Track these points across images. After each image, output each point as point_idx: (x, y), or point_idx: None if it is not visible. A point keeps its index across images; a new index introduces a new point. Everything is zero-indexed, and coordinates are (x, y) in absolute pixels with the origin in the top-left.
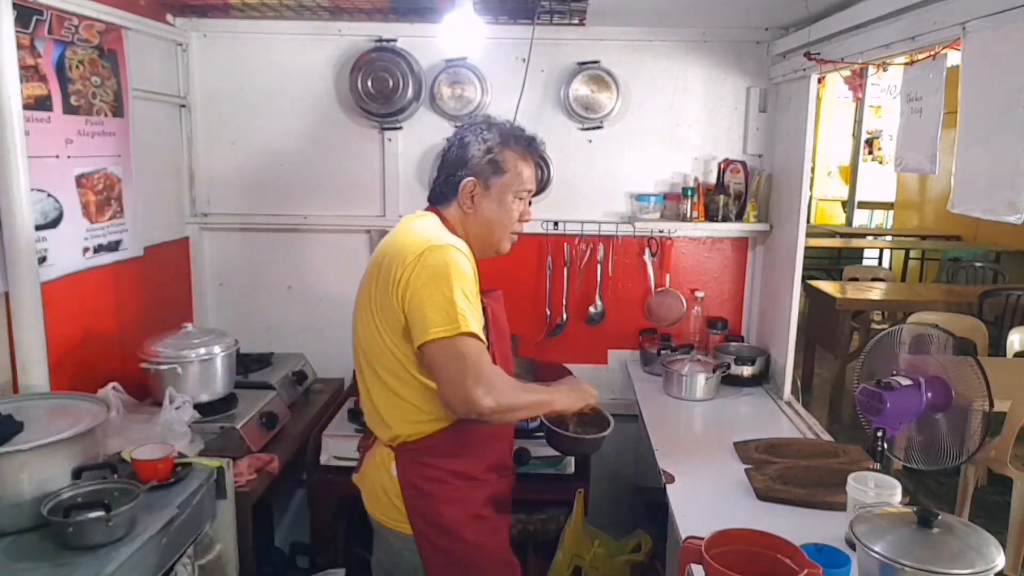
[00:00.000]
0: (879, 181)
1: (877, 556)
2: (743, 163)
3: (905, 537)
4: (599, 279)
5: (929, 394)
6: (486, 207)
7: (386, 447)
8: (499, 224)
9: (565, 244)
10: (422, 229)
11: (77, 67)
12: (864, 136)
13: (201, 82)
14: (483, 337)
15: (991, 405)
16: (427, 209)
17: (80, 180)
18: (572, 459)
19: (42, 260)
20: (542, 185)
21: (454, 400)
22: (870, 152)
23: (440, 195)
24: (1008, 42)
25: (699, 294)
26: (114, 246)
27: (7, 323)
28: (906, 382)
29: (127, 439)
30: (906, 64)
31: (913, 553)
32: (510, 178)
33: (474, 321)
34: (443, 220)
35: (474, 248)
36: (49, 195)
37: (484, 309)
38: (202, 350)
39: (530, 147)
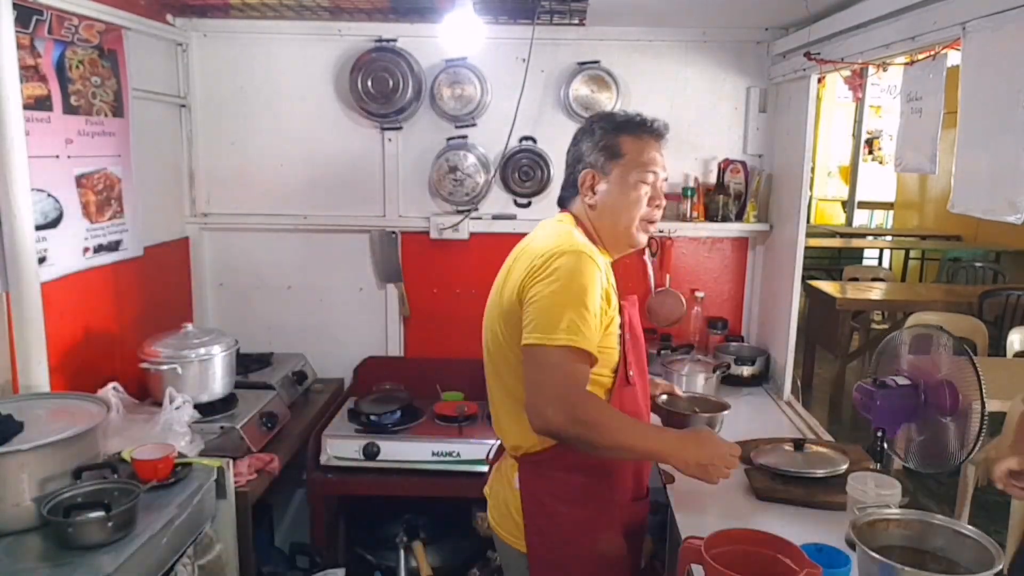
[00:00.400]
0: (879, 181)
1: (877, 556)
2: (743, 163)
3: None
4: None
5: (926, 394)
6: (608, 197)
7: (511, 457)
8: (624, 209)
9: None
10: (556, 231)
11: (77, 67)
12: (864, 136)
13: (201, 82)
14: (592, 354)
15: (983, 403)
16: (561, 211)
17: (80, 180)
18: None
19: (42, 260)
20: (542, 185)
21: (529, 410)
22: (870, 152)
23: (567, 197)
24: (1008, 42)
25: (699, 294)
26: (114, 246)
27: (7, 323)
28: (903, 382)
29: (127, 439)
30: (906, 64)
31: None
32: (628, 160)
33: (584, 335)
34: (577, 221)
35: (608, 245)
36: (49, 195)
37: (620, 311)
38: (202, 350)
39: (645, 127)
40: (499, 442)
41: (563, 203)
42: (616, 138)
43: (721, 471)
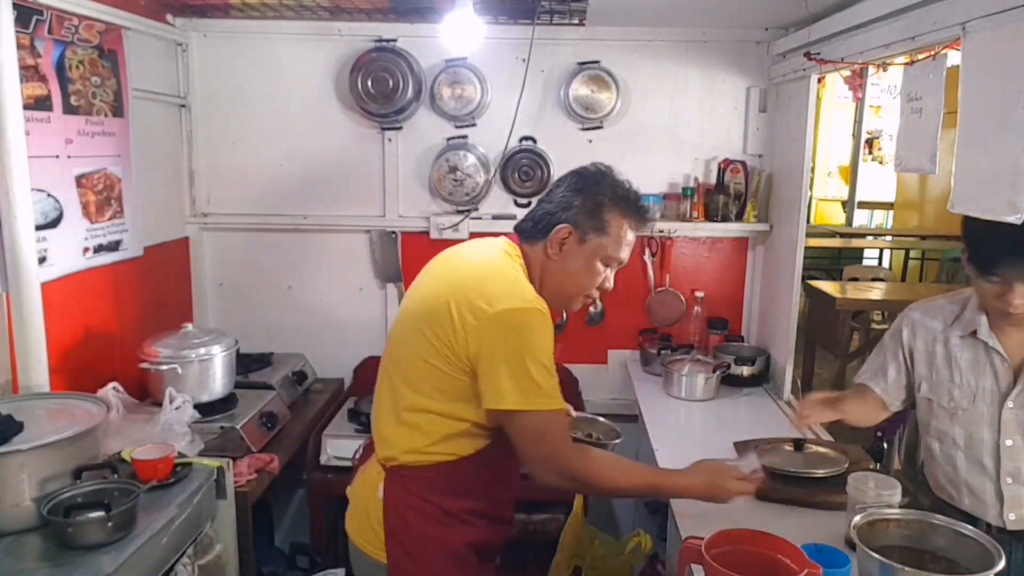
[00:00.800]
0: (879, 181)
1: (877, 556)
2: (743, 163)
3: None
4: None
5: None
6: (572, 261)
7: (379, 465)
8: (577, 283)
9: None
10: (507, 275)
11: (77, 67)
12: (864, 136)
13: (201, 82)
14: (563, 407)
15: None
16: (511, 237)
17: (80, 180)
18: None
19: (42, 260)
20: (542, 185)
21: (534, 469)
22: (870, 152)
23: (531, 231)
24: (1008, 42)
25: (699, 294)
26: (114, 246)
27: (7, 323)
28: None
29: (127, 439)
30: (906, 64)
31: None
32: (608, 241)
33: (553, 394)
34: (523, 255)
35: (544, 296)
36: (49, 195)
37: None
38: (202, 350)
39: (642, 217)
40: (365, 443)
41: (523, 233)
42: (609, 212)
43: (737, 485)
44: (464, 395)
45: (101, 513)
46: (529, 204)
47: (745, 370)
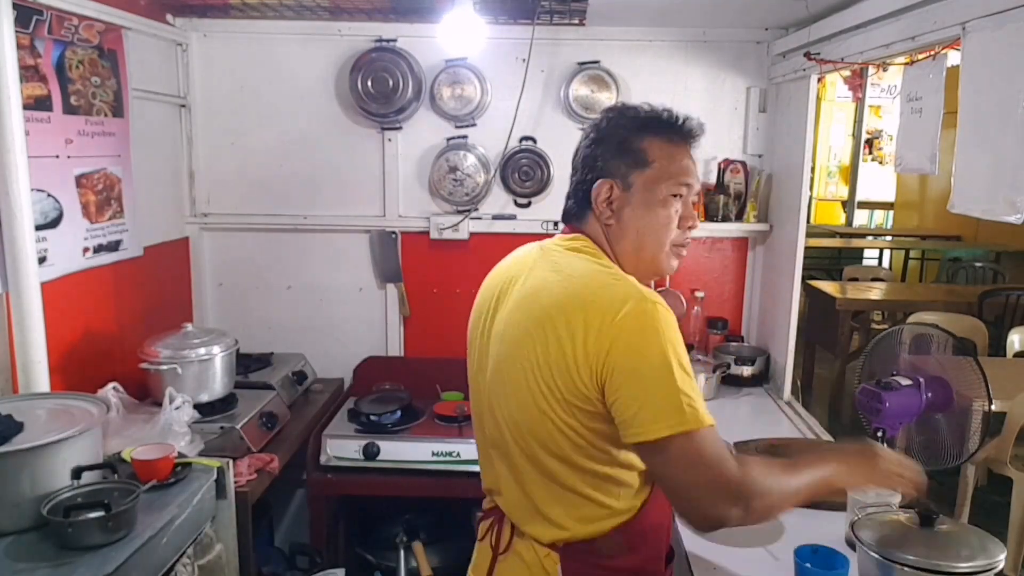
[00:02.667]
0: (879, 181)
1: (878, 556)
2: (743, 163)
3: (906, 536)
4: None
5: (929, 394)
6: (630, 214)
7: (545, 547)
8: (651, 233)
9: None
10: (594, 272)
11: (77, 67)
12: (864, 136)
13: (201, 82)
14: (714, 422)
15: (991, 404)
16: (568, 230)
17: (80, 180)
18: None
19: (42, 260)
20: (542, 185)
21: (691, 514)
22: (870, 152)
23: (572, 209)
24: (1008, 42)
25: (699, 294)
26: (114, 246)
27: (7, 323)
28: (906, 382)
29: (127, 439)
30: (906, 64)
31: (914, 551)
32: (656, 170)
33: (703, 404)
34: (596, 244)
35: (628, 272)
36: (49, 195)
37: None
38: (202, 350)
39: (675, 128)
40: (481, 518)
41: (569, 218)
42: (640, 141)
43: (890, 481)
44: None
45: (101, 513)
46: (529, 204)
47: (745, 370)
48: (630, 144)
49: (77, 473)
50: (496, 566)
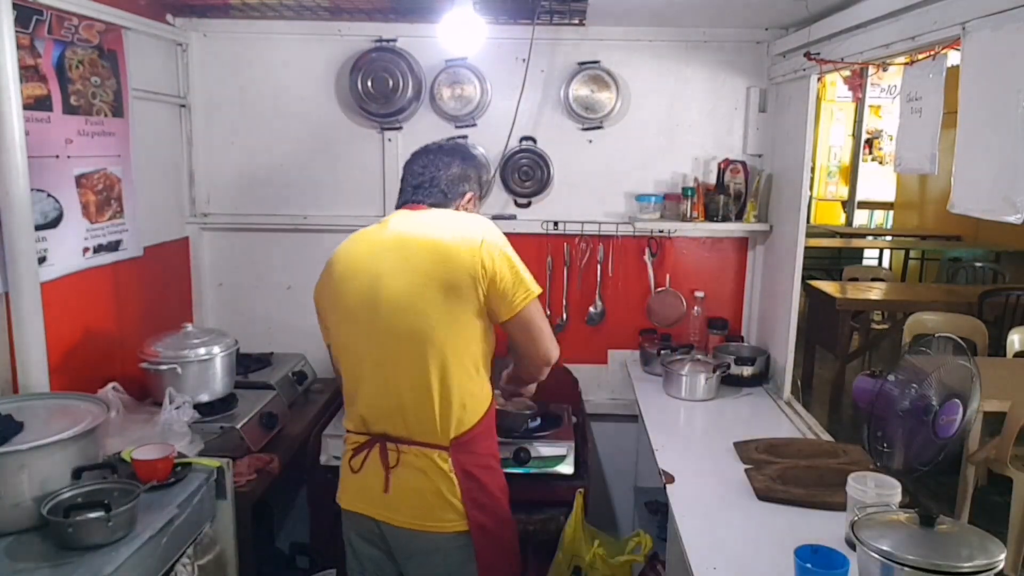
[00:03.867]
0: (879, 181)
1: (878, 556)
2: (743, 163)
3: (906, 536)
4: (599, 279)
5: (919, 394)
6: (473, 210)
7: (436, 449)
8: None
9: (565, 244)
10: (455, 218)
11: (77, 67)
12: (864, 136)
13: (201, 82)
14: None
15: (974, 404)
16: (413, 207)
17: (80, 180)
18: (572, 459)
19: (42, 260)
20: (542, 185)
21: (544, 354)
22: (870, 152)
23: (439, 198)
24: (1008, 42)
25: (699, 294)
26: (114, 246)
27: (7, 323)
28: (901, 379)
29: (127, 439)
30: (906, 64)
31: (915, 552)
32: (483, 201)
33: (531, 277)
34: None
35: None
36: (49, 195)
37: None
38: (202, 350)
39: (488, 186)
40: (367, 444)
41: (434, 202)
42: (488, 182)
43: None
44: (487, 329)
45: (101, 513)
46: (529, 204)
47: (745, 370)
48: (484, 180)
49: (77, 473)
50: (391, 481)
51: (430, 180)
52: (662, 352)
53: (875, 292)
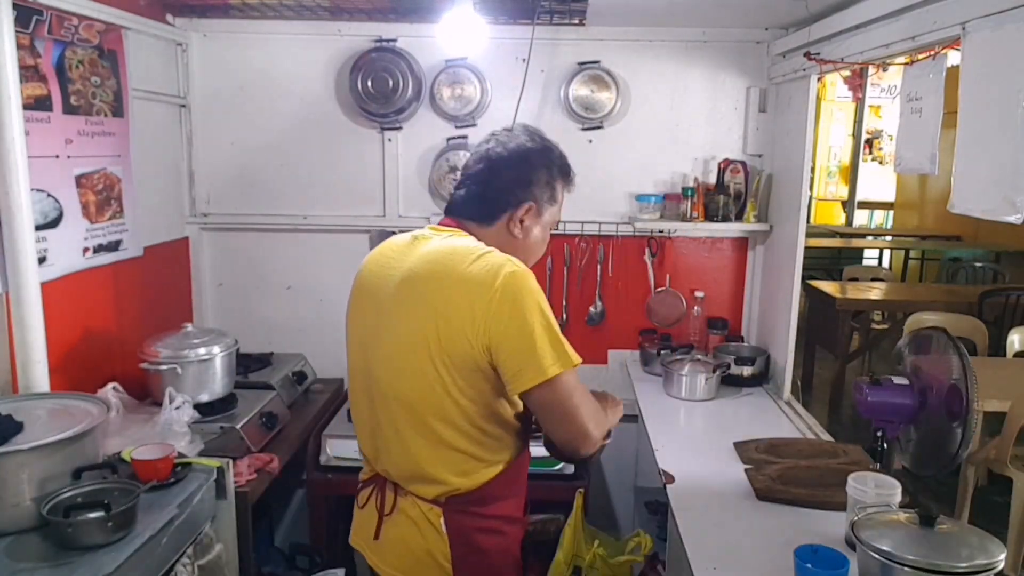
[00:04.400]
0: (879, 181)
1: (878, 556)
2: (743, 163)
3: (906, 536)
4: (599, 279)
5: (921, 396)
6: (535, 235)
7: (428, 503)
8: (536, 253)
9: (565, 244)
10: (473, 249)
11: (77, 67)
12: (864, 136)
13: (201, 82)
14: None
15: (968, 403)
16: (447, 223)
17: (80, 180)
18: None
19: (42, 260)
20: None
21: (573, 441)
22: (870, 152)
23: (484, 212)
24: (1008, 42)
25: (699, 294)
26: (114, 246)
27: (7, 323)
28: (901, 382)
29: (127, 439)
30: (906, 64)
31: (915, 551)
32: (557, 209)
33: (569, 347)
34: (473, 235)
35: None
36: (49, 195)
37: None
38: (202, 350)
39: (573, 182)
40: (364, 483)
41: (472, 216)
42: (559, 182)
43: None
44: (499, 392)
45: (101, 513)
46: None
47: (745, 370)
48: (555, 183)
49: (77, 473)
50: (383, 526)
51: (478, 195)
52: (662, 352)
53: (875, 292)
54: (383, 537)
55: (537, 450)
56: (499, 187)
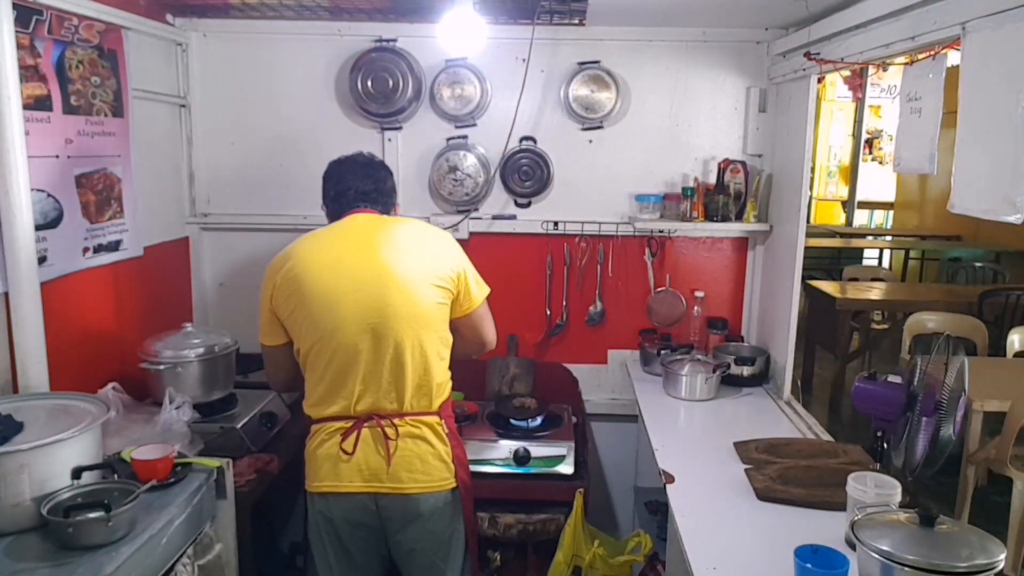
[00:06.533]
0: (879, 181)
1: (878, 556)
2: (743, 163)
3: (906, 536)
4: (599, 279)
5: (915, 395)
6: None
7: (431, 416)
8: None
9: (565, 244)
10: (426, 225)
11: (77, 67)
12: (864, 136)
13: (201, 82)
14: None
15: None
16: (372, 211)
17: (80, 180)
18: (571, 459)
19: (42, 260)
20: (542, 185)
21: (488, 343)
22: (870, 152)
23: (386, 206)
24: (1008, 42)
25: (699, 294)
26: (114, 246)
27: (7, 323)
28: (895, 380)
29: (127, 439)
30: (906, 64)
31: (915, 552)
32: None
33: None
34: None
35: None
36: (49, 195)
37: None
38: (202, 350)
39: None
40: (355, 427)
41: (385, 209)
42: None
43: None
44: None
45: (101, 513)
46: (529, 204)
47: (745, 370)
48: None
49: (77, 473)
50: (393, 453)
51: (375, 189)
52: (662, 352)
53: (875, 292)
54: (395, 460)
55: (538, 450)
56: (389, 194)
